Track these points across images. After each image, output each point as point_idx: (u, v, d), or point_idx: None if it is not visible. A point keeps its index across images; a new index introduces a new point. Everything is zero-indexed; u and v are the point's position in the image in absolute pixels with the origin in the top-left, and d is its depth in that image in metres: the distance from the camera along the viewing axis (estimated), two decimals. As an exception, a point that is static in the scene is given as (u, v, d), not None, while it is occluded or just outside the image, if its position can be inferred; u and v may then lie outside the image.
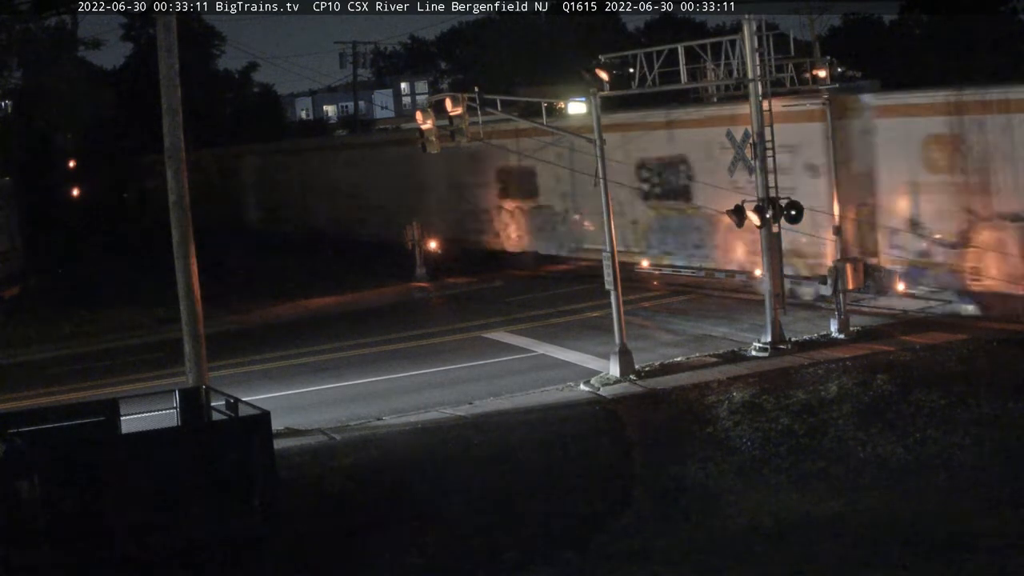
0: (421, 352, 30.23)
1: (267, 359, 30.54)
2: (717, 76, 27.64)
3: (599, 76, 26.81)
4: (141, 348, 33.51)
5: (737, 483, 18.34)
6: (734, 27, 28.93)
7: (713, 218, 32.36)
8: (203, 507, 16.14)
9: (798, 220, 26.75)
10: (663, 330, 30.53)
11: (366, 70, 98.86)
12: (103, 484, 15.79)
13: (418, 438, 22.10)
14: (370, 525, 17.60)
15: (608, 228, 26.22)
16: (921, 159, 28.32)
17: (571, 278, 39.58)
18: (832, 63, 28.45)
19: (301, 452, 21.49)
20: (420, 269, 42.45)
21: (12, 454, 15.77)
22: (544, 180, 40.39)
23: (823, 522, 16.45)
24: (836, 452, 19.33)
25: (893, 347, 25.95)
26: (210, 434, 17.49)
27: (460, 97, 26.56)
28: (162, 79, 22.40)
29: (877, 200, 29.47)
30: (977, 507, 16.50)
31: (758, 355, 26.42)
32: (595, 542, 16.51)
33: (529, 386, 25.54)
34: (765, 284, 27.19)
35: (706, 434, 20.99)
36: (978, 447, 18.88)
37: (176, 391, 19.16)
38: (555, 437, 21.56)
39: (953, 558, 14.74)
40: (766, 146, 26.71)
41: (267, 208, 64.48)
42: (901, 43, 68.43)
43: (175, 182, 22.50)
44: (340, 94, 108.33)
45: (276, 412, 18.33)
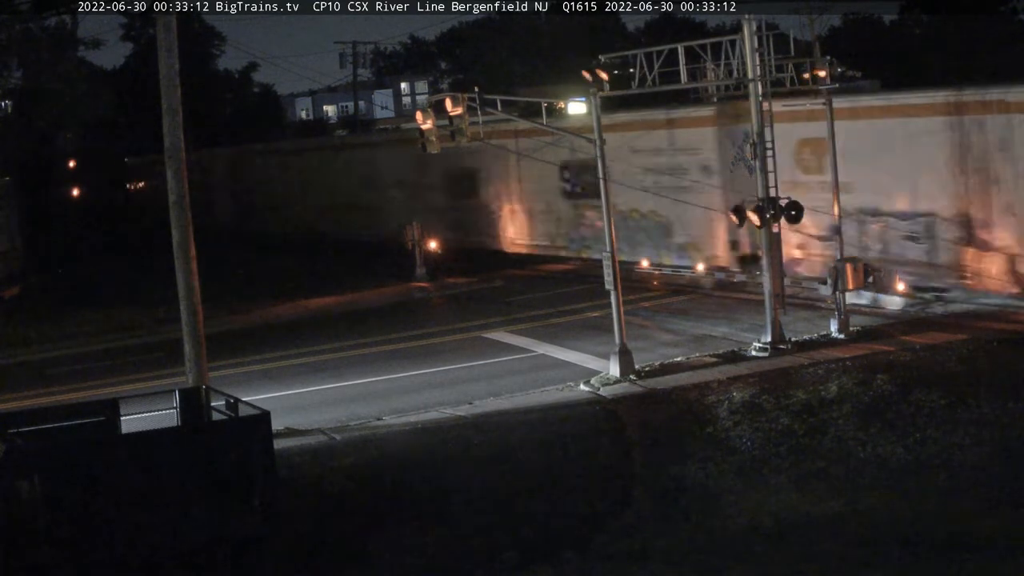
0: (421, 352, 30.24)
1: (267, 359, 30.54)
2: (717, 76, 27.65)
3: (599, 76, 26.81)
4: (141, 348, 33.50)
5: (737, 483, 18.34)
6: (734, 27, 28.94)
7: (624, 214, 36.18)
8: (203, 507, 16.14)
9: (798, 220, 26.84)
10: (663, 330, 30.53)
11: (366, 70, 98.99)
12: (103, 484, 15.79)
13: (418, 438, 22.10)
14: (370, 525, 17.61)
15: (608, 229, 26.21)
16: (795, 161, 31.19)
17: (571, 278, 39.61)
18: (832, 63, 28.41)
19: (301, 452, 21.49)
20: (420, 269, 42.45)
21: (12, 454, 15.76)
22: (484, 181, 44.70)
23: (823, 522, 16.46)
24: (836, 452, 19.33)
25: (893, 347, 25.96)
26: (210, 434, 17.48)
27: (460, 97, 26.56)
28: (162, 79, 22.39)
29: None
30: (977, 507, 16.50)
31: (758, 355, 26.42)
32: (595, 542, 16.52)
33: (529, 386, 25.54)
34: (765, 284, 27.19)
35: (706, 434, 20.99)
36: (978, 447, 18.89)
37: (176, 391, 19.16)
38: (555, 437, 21.56)
39: (953, 558, 14.75)
40: (766, 146, 26.75)
41: (267, 207, 64.68)
42: (901, 43, 68.38)
43: (175, 182, 22.49)
44: (340, 94, 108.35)
45: (276, 412, 18.33)
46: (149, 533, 15.90)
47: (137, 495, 15.86)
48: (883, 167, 30.06)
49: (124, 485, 15.88)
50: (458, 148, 28.11)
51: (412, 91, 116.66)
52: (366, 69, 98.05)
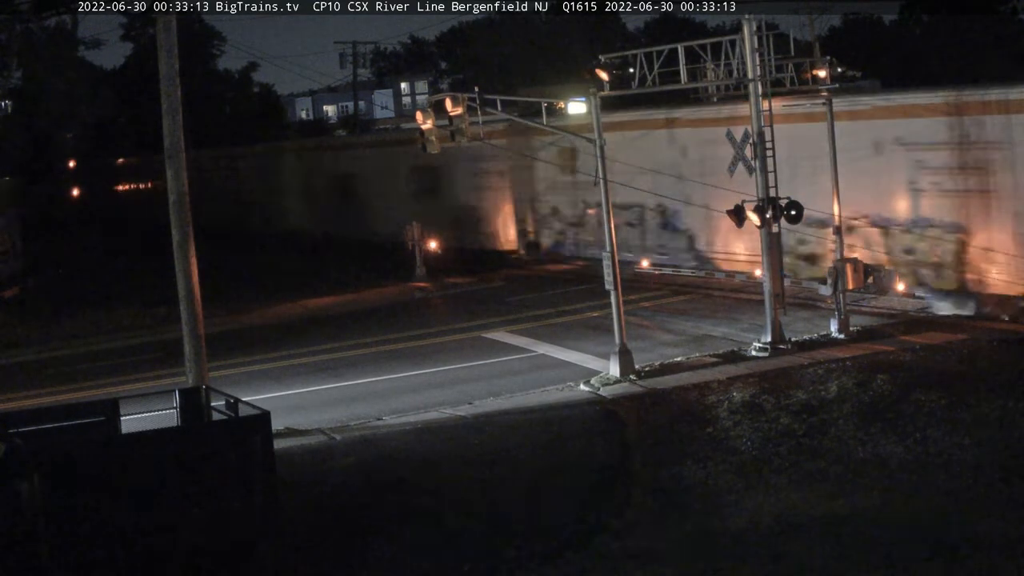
0: (421, 352, 30.24)
1: (267, 359, 30.54)
2: (717, 76, 27.65)
3: (599, 76, 26.81)
4: (141, 348, 33.51)
5: (737, 483, 18.33)
6: (734, 27, 28.94)
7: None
8: (203, 507, 16.13)
9: (798, 220, 26.83)
10: (663, 330, 30.54)
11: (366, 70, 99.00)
12: (103, 484, 15.78)
13: (418, 438, 22.10)
14: (370, 525, 17.60)
15: (608, 228, 26.21)
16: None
17: (571, 278, 39.63)
18: (832, 63, 28.42)
19: (301, 452, 21.49)
20: (420, 269, 42.47)
21: (12, 454, 15.75)
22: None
23: (823, 522, 16.45)
24: (836, 452, 19.32)
25: (893, 347, 25.96)
26: (210, 434, 17.48)
27: (460, 97, 26.55)
28: (162, 79, 22.38)
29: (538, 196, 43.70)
30: (977, 507, 16.50)
31: (758, 355, 26.43)
32: (595, 542, 16.50)
33: (529, 386, 25.54)
34: (765, 284, 27.19)
35: (706, 434, 20.98)
36: (978, 447, 18.88)
37: (176, 391, 19.13)
38: (555, 437, 21.56)
39: (953, 558, 14.75)
40: (766, 147, 26.75)
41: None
42: (901, 43, 68.41)
43: (175, 182, 22.48)
44: (340, 94, 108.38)
45: (276, 412, 18.32)
46: (149, 533, 15.89)
47: (137, 495, 15.85)
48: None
49: (124, 485, 15.86)
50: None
51: (412, 91, 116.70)
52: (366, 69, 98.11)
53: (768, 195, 26.68)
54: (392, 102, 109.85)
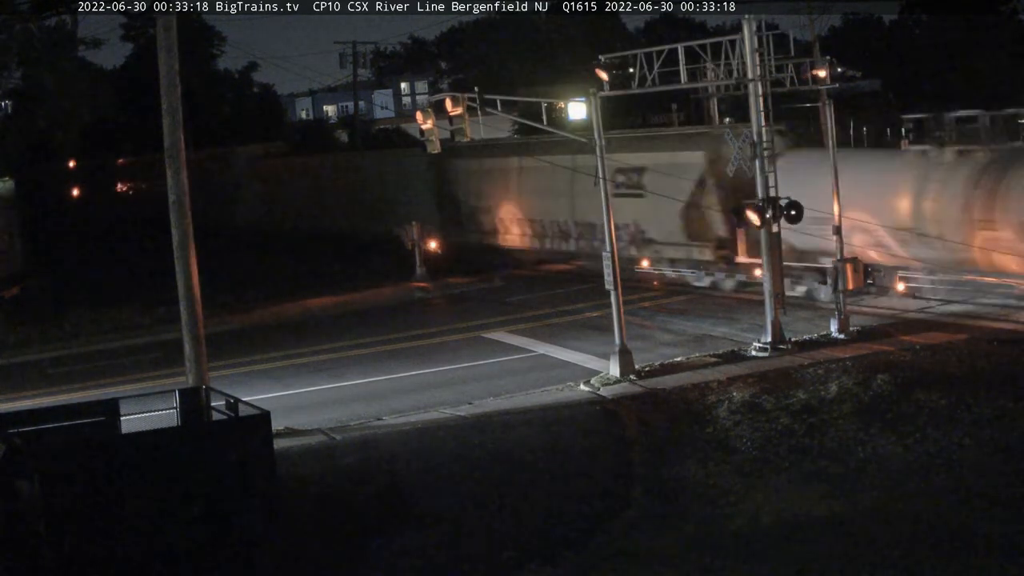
0: (421, 352, 30.23)
1: (267, 359, 30.54)
2: (717, 76, 27.64)
3: (599, 76, 26.80)
4: (141, 348, 33.51)
5: (737, 483, 18.33)
6: (734, 27, 28.94)
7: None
8: (203, 507, 16.14)
9: (798, 220, 26.81)
10: (663, 330, 30.54)
11: (366, 70, 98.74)
12: (103, 484, 15.79)
13: (418, 438, 22.09)
14: (370, 525, 17.60)
15: (608, 229, 26.21)
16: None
17: (571, 278, 39.62)
18: (832, 63, 28.40)
19: (301, 452, 21.48)
20: (420, 269, 42.45)
21: (12, 454, 15.76)
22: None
23: (823, 522, 16.45)
24: (836, 452, 19.33)
25: (893, 347, 25.96)
26: (210, 434, 17.48)
27: (460, 97, 26.56)
28: (162, 79, 22.38)
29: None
30: (977, 507, 16.50)
31: (758, 355, 26.42)
32: (595, 542, 16.51)
33: (529, 386, 25.53)
34: (765, 284, 27.19)
35: (706, 434, 20.98)
36: (978, 447, 18.88)
37: (176, 391, 19.16)
38: (555, 437, 21.55)
39: (953, 558, 14.75)
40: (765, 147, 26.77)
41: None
42: (901, 43, 68.35)
43: (175, 182, 22.48)
44: (340, 94, 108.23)
45: (276, 412, 18.33)
46: (149, 533, 15.89)
47: (137, 495, 15.86)
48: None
49: (124, 485, 15.87)
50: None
51: (412, 91, 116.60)
52: (366, 69, 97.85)
53: (768, 195, 26.68)
54: (392, 102, 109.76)
